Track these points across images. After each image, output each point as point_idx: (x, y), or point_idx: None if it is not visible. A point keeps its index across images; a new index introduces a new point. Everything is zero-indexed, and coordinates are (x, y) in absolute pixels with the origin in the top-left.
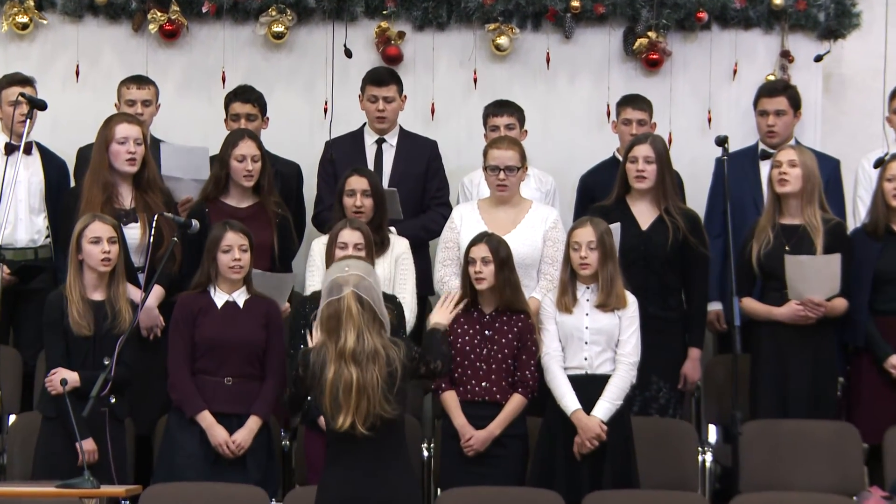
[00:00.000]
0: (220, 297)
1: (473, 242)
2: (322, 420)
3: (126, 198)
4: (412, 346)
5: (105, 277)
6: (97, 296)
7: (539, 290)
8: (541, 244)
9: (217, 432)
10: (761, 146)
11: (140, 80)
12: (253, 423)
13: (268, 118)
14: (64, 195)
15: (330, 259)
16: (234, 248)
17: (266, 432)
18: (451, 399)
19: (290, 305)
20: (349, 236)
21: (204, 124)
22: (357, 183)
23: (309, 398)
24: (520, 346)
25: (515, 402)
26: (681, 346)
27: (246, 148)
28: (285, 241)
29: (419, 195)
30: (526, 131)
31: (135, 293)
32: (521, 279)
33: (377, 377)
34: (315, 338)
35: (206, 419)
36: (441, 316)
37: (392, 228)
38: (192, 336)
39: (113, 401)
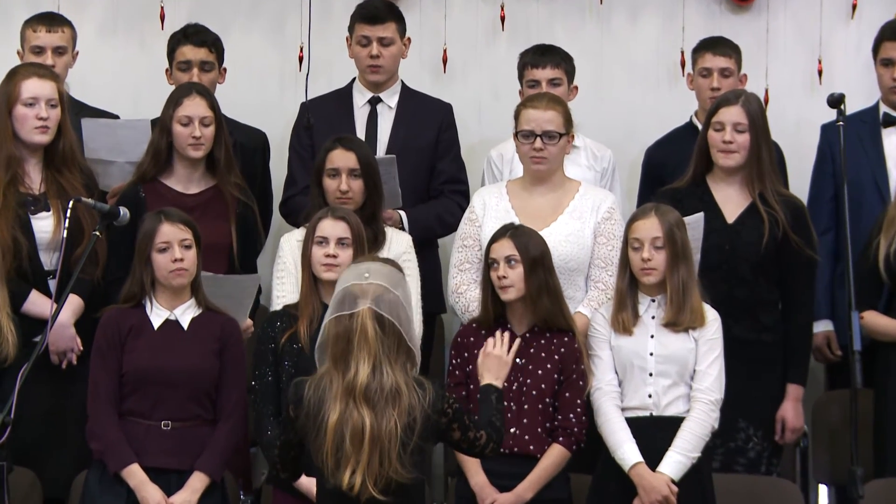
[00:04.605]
0: (157, 314)
1: (495, 238)
2: (303, 482)
3: (35, 179)
4: (445, 394)
5: None
6: None
7: (587, 304)
8: (591, 241)
9: (149, 492)
10: (884, 108)
11: (51, 20)
12: (197, 482)
13: (225, 69)
14: None
15: (306, 259)
16: (173, 245)
17: (219, 494)
18: None
19: (252, 323)
20: (331, 228)
21: (135, 79)
22: (341, 159)
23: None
24: (562, 378)
25: (555, 454)
26: (778, 381)
27: (193, 107)
28: (248, 238)
29: (424, 177)
30: (576, 88)
31: (43, 305)
32: (565, 289)
33: (396, 427)
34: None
35: (134, 476)
36: (494, 368)
37: (402, 213)
38: (119, 365)
39: None
